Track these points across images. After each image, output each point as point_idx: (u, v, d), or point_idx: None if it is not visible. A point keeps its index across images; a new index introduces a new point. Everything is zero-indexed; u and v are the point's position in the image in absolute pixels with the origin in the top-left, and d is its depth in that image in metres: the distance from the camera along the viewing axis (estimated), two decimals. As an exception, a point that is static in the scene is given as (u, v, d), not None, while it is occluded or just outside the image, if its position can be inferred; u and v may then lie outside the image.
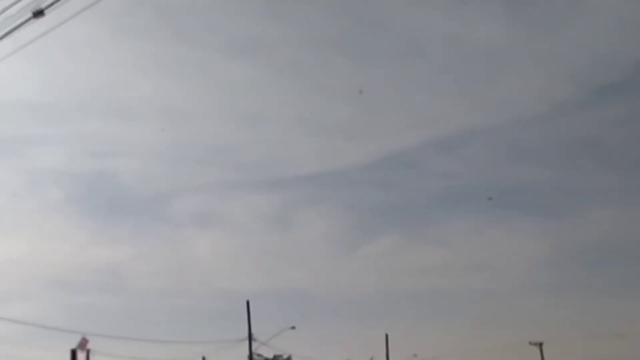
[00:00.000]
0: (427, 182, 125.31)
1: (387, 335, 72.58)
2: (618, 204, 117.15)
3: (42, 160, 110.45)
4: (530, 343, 76.07)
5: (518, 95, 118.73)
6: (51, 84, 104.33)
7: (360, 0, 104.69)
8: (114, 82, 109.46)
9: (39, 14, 14.43)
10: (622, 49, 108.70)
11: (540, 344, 75.83)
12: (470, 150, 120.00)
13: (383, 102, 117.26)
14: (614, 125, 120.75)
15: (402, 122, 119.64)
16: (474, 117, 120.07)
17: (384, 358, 71.02)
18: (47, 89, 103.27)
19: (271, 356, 72.16)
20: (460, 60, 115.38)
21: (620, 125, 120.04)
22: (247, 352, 61.15)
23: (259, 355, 66.33)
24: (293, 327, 64.09)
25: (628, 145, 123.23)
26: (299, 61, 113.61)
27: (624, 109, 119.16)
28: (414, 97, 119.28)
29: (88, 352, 48.75)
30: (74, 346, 47.86)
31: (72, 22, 13.62)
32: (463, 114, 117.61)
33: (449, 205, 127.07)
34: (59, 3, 12.37)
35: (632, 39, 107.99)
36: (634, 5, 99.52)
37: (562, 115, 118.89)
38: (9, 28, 13.18)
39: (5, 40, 13.60)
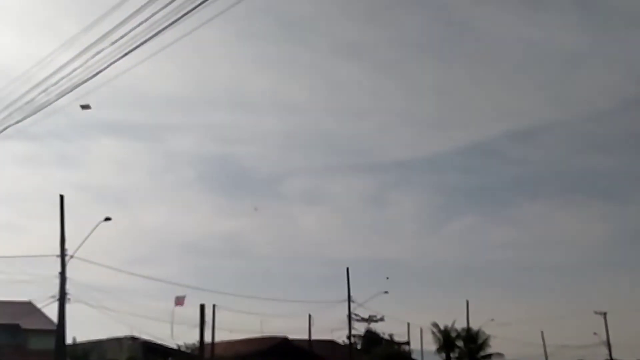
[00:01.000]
0: (504, 169, 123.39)
1: (467, 302, 71.84)
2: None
3: (177, 145, 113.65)
4: (595, 312, 74.16)
5: (589, 92, 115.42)
6: (185, 80, 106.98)
7: (447, 9, 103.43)
8: (237, 78, 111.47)
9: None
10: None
11: (605, 314, 73.81)
12: (544, 141, 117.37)
13: (467, 98, 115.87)
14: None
15: (483, 115, 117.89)
16: (548, 112, 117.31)
17: (465, 322, 70.25)
18: (182, 84, 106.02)
19: (366, 316, 72.34)
20: (537, 61, 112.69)
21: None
22: (346, 312, 61.46)
23: (356, 315, 66.61)
24: (386, 292, 64.00)
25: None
26: (395, 61, 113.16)
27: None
28: (494, 94, 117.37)
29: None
30: (201, 302, 49.03)
31: (204, 28, 13.85)
32: (538, 109, 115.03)
33: (523, 190, 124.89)
34: (193, 11, 12.59)
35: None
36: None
37: (629, 111, 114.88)
38: (153, 32, 13.50)
39: (150, 43, 13.94)
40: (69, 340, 45.46)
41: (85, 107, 19.70)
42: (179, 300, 49.67)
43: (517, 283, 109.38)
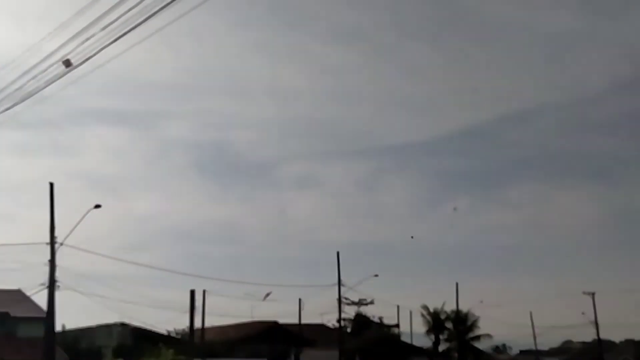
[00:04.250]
0: (499, 152, 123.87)
1: (457, 284, 72.20)
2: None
3: (170, 132, 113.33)
4: (584, 293, 74.62)
5: (582, 74, 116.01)
6: (180, 67, 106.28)
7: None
8: (231, 65, 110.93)
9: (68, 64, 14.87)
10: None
11: (593, 294, 74.30)
12: (539, 123, 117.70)
13: (462, 81, 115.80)
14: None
15: (478, 99, 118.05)
16: (542, 95, 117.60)
17: (455, 304, 70.61)
18: (177, 71, 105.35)
19: (357, 300, 72.50)
20: (531, 44, 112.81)
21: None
22: (336, 296, 61.50)
23: (346, 298, 66.68)
24: (376, 275, 63.99)
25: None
26: (390, 46, 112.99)
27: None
28: (489, 77, 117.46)
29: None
30: (192, 288, 48.90)
31: (199, 15, 13.64)
32: (533, 92, 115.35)
33: (518, 172, 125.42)
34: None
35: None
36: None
37: (621, 92, 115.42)
38: (145, 17, 13.30)
39: (142, 28, 13.73)
40: (58, 327, 45.37)
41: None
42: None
43: (507, 265, 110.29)
